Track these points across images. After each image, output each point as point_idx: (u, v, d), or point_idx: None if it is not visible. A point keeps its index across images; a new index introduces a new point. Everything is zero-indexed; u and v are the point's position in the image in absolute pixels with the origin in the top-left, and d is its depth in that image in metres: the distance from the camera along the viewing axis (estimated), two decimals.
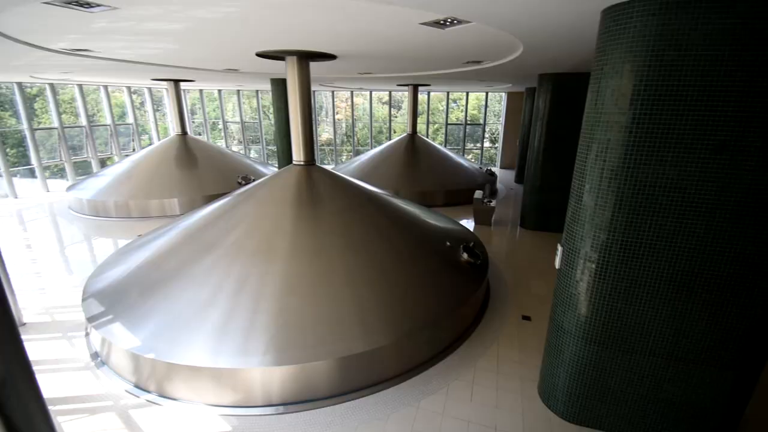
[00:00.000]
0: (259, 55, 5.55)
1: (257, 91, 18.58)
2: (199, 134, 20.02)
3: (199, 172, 11.05)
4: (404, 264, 4.82)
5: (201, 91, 18.58)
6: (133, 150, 16.19)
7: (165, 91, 17.34)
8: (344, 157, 20.12)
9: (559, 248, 3.50)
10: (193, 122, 20.37)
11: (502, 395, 3.92)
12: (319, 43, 4.71)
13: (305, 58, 5.33)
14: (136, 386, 3.88)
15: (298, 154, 5.62)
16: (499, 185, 14.20)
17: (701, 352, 3.04)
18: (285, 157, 12.12)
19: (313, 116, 18.42)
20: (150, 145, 13.46)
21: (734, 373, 3.03)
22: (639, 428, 3.42)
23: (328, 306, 4.03)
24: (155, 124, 17.23)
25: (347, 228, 4.92)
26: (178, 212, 10.03)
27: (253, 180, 8.93)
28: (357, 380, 3.85)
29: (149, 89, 16.50)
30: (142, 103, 18.03)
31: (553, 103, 8.38)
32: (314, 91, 18.31)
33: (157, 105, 17.88)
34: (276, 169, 12.59)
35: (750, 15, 2.35)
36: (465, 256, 5.57)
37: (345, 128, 20.40)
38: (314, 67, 6.87)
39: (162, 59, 6.58)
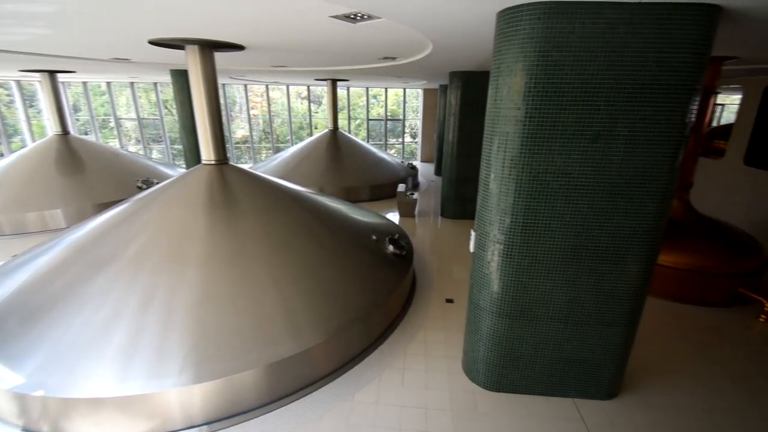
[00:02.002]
0: (153, 43, 4.97)
1: (155, 83, 16.68)
2: (86, 133, 17.40)
3: (88, 177, 9.60)
4: (331, 261, 4.78)
5: (85, 83, 16.11)
6: (1, 155, 13.48)
7: (39, 84, 14.68)
8: (263, 155, 19.18)
9: (473, 233, 3.78)
10: (77, 120, 17.61)
11: (430, 376, 4.12)
12: (224, 32, 4.38)
13: (209, 47, 4.92)
14: (25, 431, 3.28)
15: (207, 153, 5.18)
16: (420, 178, 14.81)
17: (591, 314, 3.54)
18: (193, 156, 11.14)
19: (226, 112, 17.33)
20: (23, 148, 11.29)
21: (618, 329, 3.58)
22: (547, 387, 3.87)
23: (252, 312, 3.83)
24: (28, 123, 14.52)
25: (268, 228, 4.70)
26: (63, 225, 8.63)
27: (157, 183, 8.03)
28: (289, 385, 3.73)
29: (17, 82, 13.82)
30: (11, 100, 14.99)
31: (462, 99, 8.95)
32: (224, 84, 17.06)
33: (29, 100, 15.07)
34: (185, 170, 11.51)
35: (616, 21, 2.76)
36: (391, 248, 5.72)
37: (262, 124, 19.42)
38: (221, 58, 6.40)
39: (32, 47, 5.55)
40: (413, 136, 20.83)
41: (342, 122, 18.29)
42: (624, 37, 2.78)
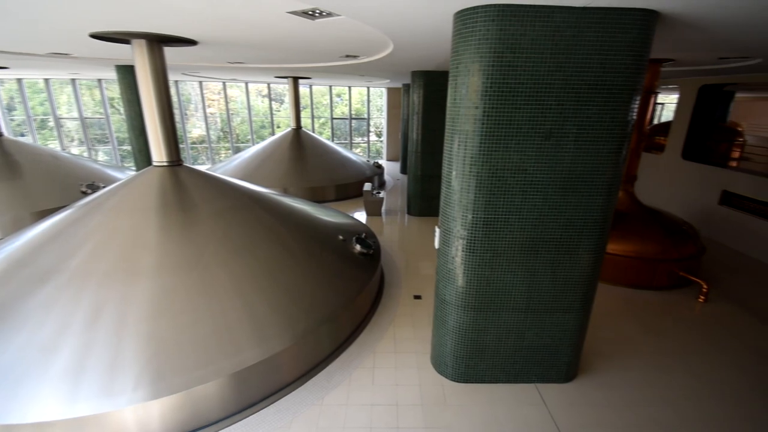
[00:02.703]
0: (95, 36, 4.63)
1: (100, 80, 15.55)
2: (22, 135, 15.95)
3: (25, 182, 8.78)
4: (297, 263, 4.68)
5: (20, 80, 14.75)
6: None
7: None
8: (222, 155, 18.46)
9: (437, 230, 3.85)
10: (11, 120, 16.10)
11: (400, 372, 4.16)
12: (173, 25, 4.17)
13: (157, 42, 4.65)
14: None
15: (158, 154, 4.90)
16: (387, 177, 14.88)
17: (549, 302, 3.72)
18: (143, 157, 10.51)
19: (180, 110, 16.49)
20: None
21: (574, 315, 3.79)
22: (511, 374, 4.03)
23: (212, 320, 3.67)
24: None
25: (228, 233, 4.52)
26: None
27: (104, 187, 7.51)
28: (255, 393, 3.63)
29: None
30: None
31: (425, 98, 9.08)
32: (177, 82, 16.23)
33: None
34: (134, 173, 10.84)
35: (563, 24, 2.90)
36: (358, 247, 5.70)
37: (220, 123, 18.67)
38: (171, 53, 6.08)
39: None
40: (378, 135, 20.88)
41: (305, 121, 18.01)
42: (571, 40, 2.93)
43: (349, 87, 18.24)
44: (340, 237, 5.76)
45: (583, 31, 2.91)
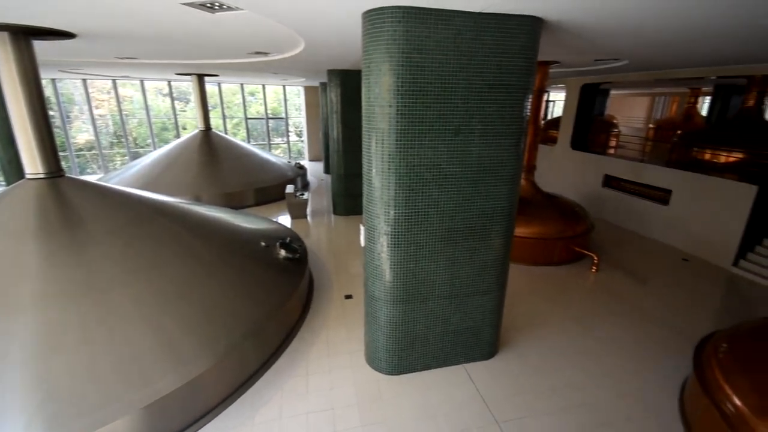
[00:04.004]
0: None
1: None
2: None
3: None
4: (214, 277, 4.33)
5: None
6: None
7: None
8: (118, 162, 16.36)
9: (362, 228, 3.87)
10: None
11: (335, 375, 4.12)
12: (44, 16, 3.56)
13: (24, 35, 3.93)
14: None
15: (32, 165, 4.14)
16: (310, 177, 14.56)
17: (469, 286, 3.98)
18: (14, 169, 8.85)
19: (60, 112, 14.19)
20: None
21: (492, 295, 4.11)
22: (440, 359, 4.24)
23: (115, 351, 3.22)
24: None
25: (128, 251, 3.98)
26: None
27: None
28: (176, 424, 3.29)
29: None
30: None
31: (343, 96, 9.06)
32: (55, 80, 13.94)
33: None
34: (2, 188, 9.10)
35: (463, 28, 3.10)
36: (283, 252, 5.49)
37: (113, 126, 16.46)
38: (44, 47, 5.19)
39: None
40: (299, 135, 20.31)
41: (216, 121, 16.76)
42: (471, 42, 3.16)
43: (263, 85, 17.40)
44: (263, 243, 5.49)
45: (481, 35, 3.15)
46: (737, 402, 2.99)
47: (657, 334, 4.97)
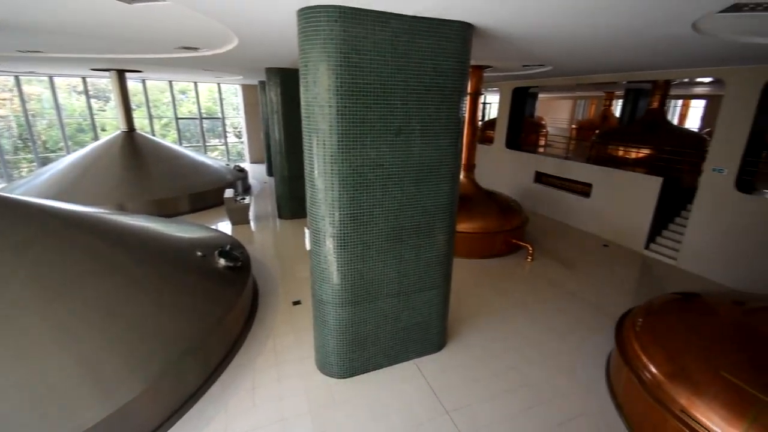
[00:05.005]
0: None
1: None
2: None
3: None
4: (143, 292, 3.95)
5: None
6: None
7: None
8: (24, 169, 14.39)
9: (307, 231, 3.78)
10: None
11: (284, 384, 3.98)
12: None
13: None
14: None
15: None
16: (252, 180, 13.94)
17: (416, 283, 4.07)
18: None
19: None
20: None
21: (438, 290, 4.23)
22: (391, 357, 4.28)
23: (24, 386, 2.81)
24: None
25: (37, 270, 3.46)
26: None
27: None
28: None
29: None
30: None
31: (283, 95, 8.79)
32: None
33: None
34: None
35: (399, 30, 3.14)
36: (222, 261, 5.19)
37: (17, 128, 14.44)
38: None
39: None
40: (238, 136, 19.33)
41: (141, 122, 15.42)
42: (407, 45, 3.22)
43: (195, 83, 16.29)
44: (199, 253, 5.13)
45: (416, 38, 3.22)
46: (652, 369, 3.38)
47: (585, 315, 5.47)
